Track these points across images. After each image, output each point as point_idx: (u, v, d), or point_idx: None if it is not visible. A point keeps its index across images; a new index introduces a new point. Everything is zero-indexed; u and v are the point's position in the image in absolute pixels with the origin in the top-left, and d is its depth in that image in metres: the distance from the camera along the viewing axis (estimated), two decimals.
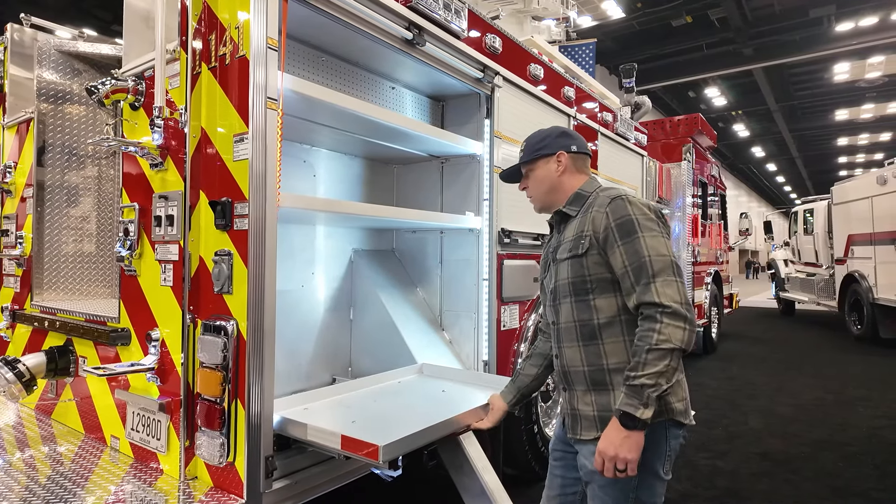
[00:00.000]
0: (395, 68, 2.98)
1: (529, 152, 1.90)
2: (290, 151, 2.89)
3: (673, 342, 1.46)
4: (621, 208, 1.62)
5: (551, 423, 3.93)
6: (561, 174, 1.84)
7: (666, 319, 1.48)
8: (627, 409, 1.47)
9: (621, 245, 1.59)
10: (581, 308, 1.68)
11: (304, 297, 2.99)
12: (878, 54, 16.33)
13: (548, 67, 3.75)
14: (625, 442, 1.48)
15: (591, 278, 1.66)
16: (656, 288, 1.50)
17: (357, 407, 2.33)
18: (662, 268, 1.53)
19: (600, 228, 1.63)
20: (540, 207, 1.94)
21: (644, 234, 1.57)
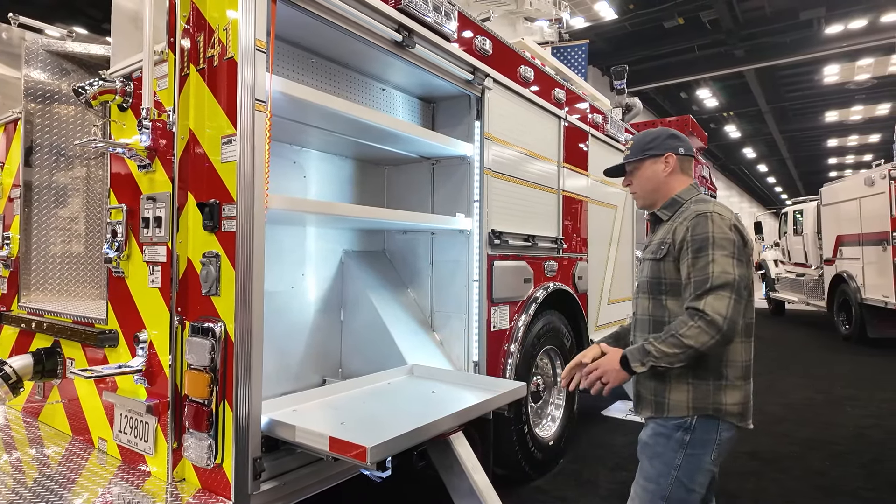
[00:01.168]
0: (386, 70, 2.98)
1: (638, 151, 1.99)
2: (279, 152, 2.89)
3: (695, 343, 1.65)
4: (702, 225, 1.75)
5: (541, 423, 3.95)
6: (667, 175, 1.95)
7: (701, 322, 1.65)
8: (628, 356, 1.76)
9: (691, 258, 1.74)
10: (655, 305, 1.89)
11: (294, 299, 2.99)
12: (867, 56, 16.47)
13: (538, 69, 3.76)
14: (612, 371, 1.78)
15: (666, 281, 1.85)
16: (707, 300, 1.66)
17: (346, 408, 2.34)
18: (721, 284, 1.67)
19: (678, 239, 1.80)
20: (643, 204, 2.05)
21: (714, 252, 1.71)
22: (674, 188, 1.95)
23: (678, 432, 1.79)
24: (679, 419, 1.78)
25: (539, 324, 3.71)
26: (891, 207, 8.22)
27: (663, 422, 1.82)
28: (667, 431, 1.81)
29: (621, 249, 5.27)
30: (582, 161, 4.46)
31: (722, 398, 1.76)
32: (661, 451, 1.80)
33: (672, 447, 1.79)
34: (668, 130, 2.02)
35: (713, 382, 1.77)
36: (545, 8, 10.13)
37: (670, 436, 1.79)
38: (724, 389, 1.77)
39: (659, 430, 1.83)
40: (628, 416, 5.17)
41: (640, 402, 1.93)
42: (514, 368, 3.37)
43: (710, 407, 1.77)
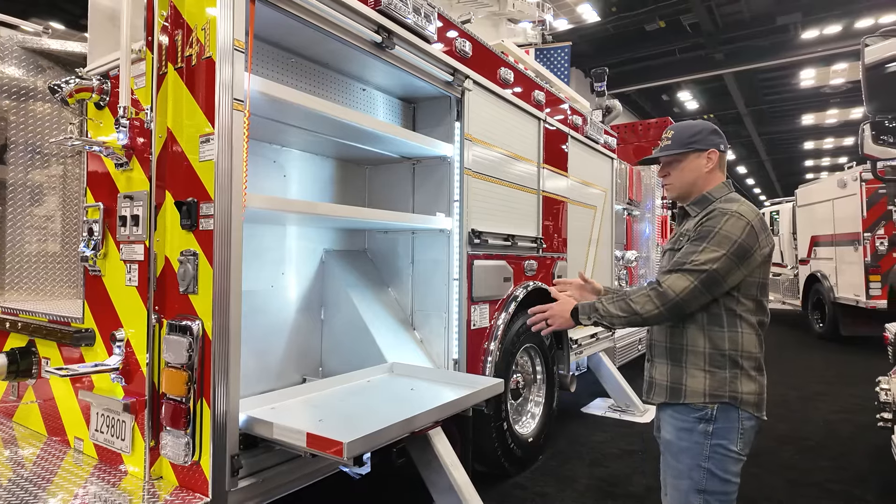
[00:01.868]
0: (366, 71, 3.00)
1: (680, 144, 1.94)
2: (259, 152, 2.89)
3: (640, 309, 1.76)
4: (714, 220, 1.78)
5: (521, 420, 4.00)
6: (708, 172, 1.93)
7: (652, 293, 1.76)
8: (579, 308, 1.89)
9: (687, 244, 1.80)
10: None
11: (274, 297, 2.99)
12: (841, 61, 16.88)
13: (518, 71, 3.82)
14: (559, 316, 1.92)
15: None
16: (671, 277, 1.75)
17: (325, 406, 2.36)
18: (692, 270, 1.72)
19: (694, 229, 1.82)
20: (676, 196, 2.02)
21: (708, 244, 1.74)
22: (708, 184, 1.94)
23: (700, 424, 1.78)
24: (698, 410, 1.78)
25: (519, 322, 3.76)
26: (862, 209, 8.45)
27: (682, 415, 1.81)
28: (688, 425, 1.79)
29: (600, 249, 5.35)
30: (562, 162, 4.53)
31: (738, 387, 1.77)
32: (687, 446, 1.79)
33: (697, 439, 1.78)
34: (710, 125, 1.98)
35: (729, 371, 1.78)
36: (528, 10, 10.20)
37: (692, 429, 1.79)
38: (739, 379, 1.78)
39: (680, 424, 1.81)
40: (607, 413, 5.25)
41: (653, 387, 1.92)
42: (493, 366, 3.42)
43: (726, 395, 1.77)
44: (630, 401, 5.26)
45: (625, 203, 6.56)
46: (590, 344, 4.95)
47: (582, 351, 4.78)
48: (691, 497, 1.78)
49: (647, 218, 7.24)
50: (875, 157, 2.99)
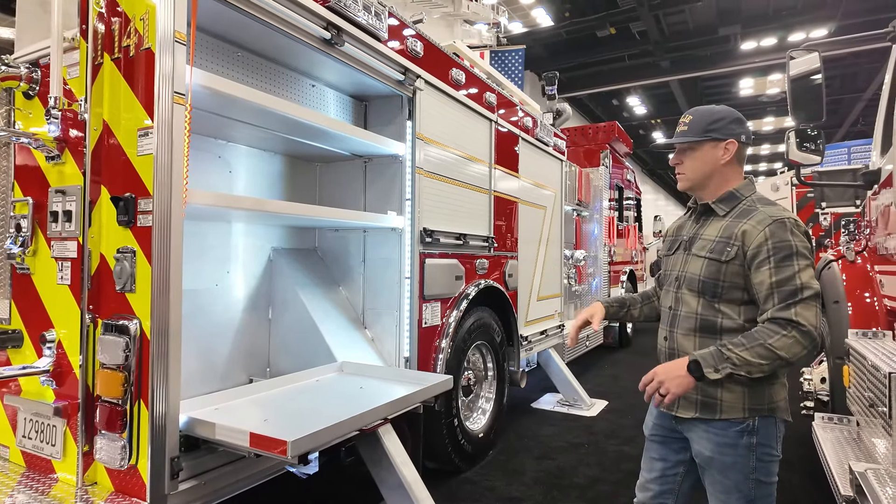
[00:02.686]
0: (315, 67, 2.97)
1: (698, 130, 1.80)
2: (203, 147, 2.82)
3: (787, 354, 1.58)
4: (782, 232, 1.65)
5: (472, 417, 4.06)
6: (725, 163, 1.80)
7: (795, 333, 1.58)
8: (701, 362, 1.63)
9: (774, 267, 1.63)
10: (706, 306, 1.77)
11: (219, 296, 2.92)
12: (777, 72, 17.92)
13: (469, 72, 3.87)
14: (678, 379, 1.64)
15: (724, 283, 1.73)
16: (797, 310, 1.59)
17: (271, 406, 2.33)
18: (810, 295, 1.61)
19: (752, 244, 1.67)
20: (688, 186, 1.89)
21: (798, 262, 1.63)
22: (730, 180, 1.82)
23: (743, 437, 1.71)
24: (738, 423, 1.71)
25: (470, 320, 3.82)
26: (792, 211, 9.02)
27: (720, 430, 1.72)
28: (730, 440, 1.72)
29: (550, 249, 5.49)
30: (513, 163, 4.62)
31: (775, 396, 1.73)
32: (733, 461, 1.72)
33: (742, 454, 1.71)
34: (733, 112, 1.84)
35: (767, 382, 1.71)
36: (483, 11, 10.31)
37: (736, 444, 1.71)
38: (776, 388, 1.74)
39: (720, 440, 1.72)
40: (555, 408, 5.39)
41: (679, 401, 1.79)
42: (444, 363, 3.46)
43: (765, 407, 1.72)
44: (578, 395, 5.42)
45: (574, 204, 6.75)
46: (539, 341, 5.07)
47: (532, 348, 4.89)
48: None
49: (595, 219, 7.48)
50: (799, 163, 3.20)
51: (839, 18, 13.33)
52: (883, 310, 3.13)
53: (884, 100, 3.22)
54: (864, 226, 3.78)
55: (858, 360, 2.68)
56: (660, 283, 2.06)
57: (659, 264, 12.79)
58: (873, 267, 3.32)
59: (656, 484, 1.95)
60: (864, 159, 9.59)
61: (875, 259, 3.30)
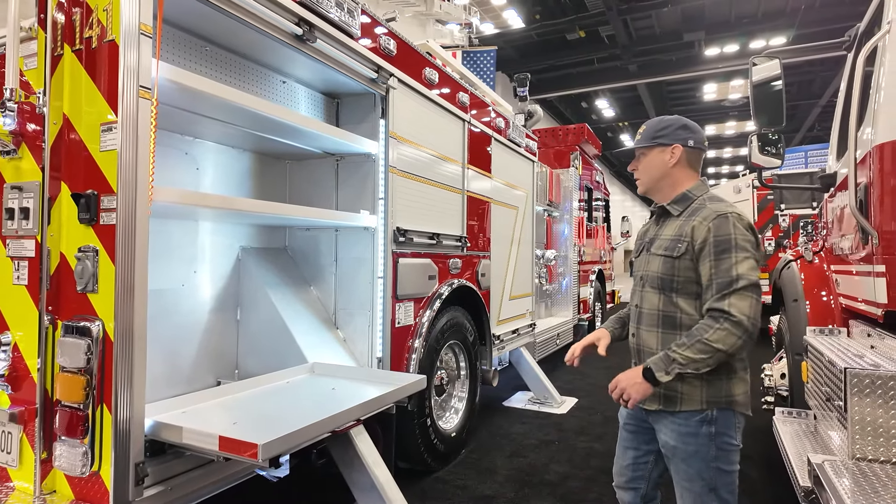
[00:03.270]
0: (286, 63, 2.92)
1: (647, 138, 1.96)
2: (169, 142, 2.74)
3: (723, 345, 1.69)
4: (724, 226, 1.77)
5: (445, 416, 4.07)
6: (673, 166, 1.94)
7: (727, 325, 1.69)
8: (652, 367, 1.76)
9: (714, 259, 1.75)
10: (665, 301, 1.89)
11: (185, 297, 2.84)
12: (738, 78, 18.53)
13: (442, 72, 3.87)
14: (636, 385, 1.77)
15: (679, 279, 1.85)
16: (731, 301, 1.70)
17: (240, 408, 2.28)
18: (745, 286, 1.71)
19: (699, 239, 1.79)
20: (644, 190, 2.03)
21: (737, 254, 1.74)
22: (682, 182, 1.95)
23: (703, 427, 1.82)
24: (698, 414, 1.81)
25: (443, 319, 3.82)
26: (754, 213, 9.34)
27: (682, 420, 1.84)
28: (692, 429, 1.83)
29: (522, 248, 5.54)
30: (485, 163, 4.64)
31: (733, 390, 1.83)
32: (695, 450, 1.82)
33: (703, 442, 1.82)
34: (681, 120, 1.98)
35: (725, 376, 1.82)
36: (455, 12, 10.34)
37: (697, 433, 1.82)
38: (734, 382, 1.83)
39: (682, 430, 1.84)
40: (527, 406, 5.45)
41: None
42: (417, 363, 3.45)
43: (723, 399, 1.82)
44: (548, 393, 5.49)
45: (545, 204, 6.83)
46: (511, 339, 5.12)
47: (504, 346, 4.93)
48: (705, 497, 1.83)
49: (565, 219, 7.58)
50: (761, 166, 3.31)
51: (797, 27, 13.88)
52: (838, 308, 3.27)
53: (839, 106, 3.36)
54: (821, 227, 3.95)
55: (816, 357, 2.79)
56: None
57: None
58: (829, 266, 3.46)
59: (629, 470, 2.10)
60: (820, 163, 10.01)
61: (831, 259, 3.44)
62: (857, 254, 2.74)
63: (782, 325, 4.07)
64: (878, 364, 2.15)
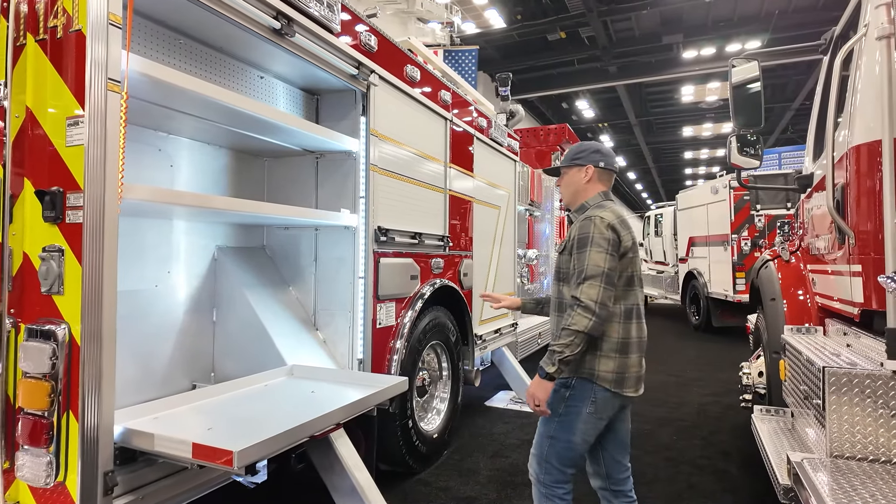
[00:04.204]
0: (264, 58, 2.85)
1: (568, 159, 2.34)
2: (141, 138, 2.64)
3: (579, 327, 2.01)
4: (586, 227, 2.12)
5: (427, 417, 4.03)
6: (586, 183, 2.30)
7: (579, 310, 2.02)
8: (542, 364, 2.06)
9: (576, 253, 2.12)
10: (557, 290, 2.28)
11: (159, 298, 2.75)
12: (715, 80, 18.85)
13: (424, 70, 3.83)
14: (538, 386, 2.09)
15: (563, 271, 2.24)
16: (583, 288, 2.04)
17: (216, 413, 2.21)
18: (594, 275, 2.05)
19: (571, 237, 2.18)
20: (566, 203, 2.42)
21: (591, 249, 2.08)
22: (586, 195, 2.31)
23: (562, 388, 2.20)
24: (565, 379, 2.18)
25: (425, 320, 3.78)
26: (730, 213, 9.49)
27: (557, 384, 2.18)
28: (555, 388, 2.17)
29: (504, 248, 5.53)
30: (468, 162, 4.61)
31: (596, 365, 2.15)
32: (550, 402, 2.17)
33: (557, 399, 2.20)
34: (595, 145, 2.36)
35: (590, 353, 2.15)
36: (437, 10, 10.28)
37: (557, 391, 2.19)
38: (598, 359, 2.15)
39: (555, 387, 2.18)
40: (509, 406, 5.44)
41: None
42: (399, 364, 3.41)
43: (585, 371, 2.16)
44: None
45: (527, 204, 6.83)
46: (493, 339, 5.10)
47: (486, 346, 4.91)
48: (542, 440, 2.24)
49: (546, 218, 7.60)
50: (740, 167, 3.34)
51: (771, 31, 14.17)
52: (815, 307, 3.32)
53: (815, 109, 3.41)
54: (797, 227, 4.01)
55: (794, 355, 2.82)
56: None
57: None
58: (806, 266, 3.51)
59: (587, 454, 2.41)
60: (794, 164, 10.22)
61: (808, 259, 3.50)
62: (833, 254, 2.78)
63: (760, 324, 4.13)
64: (854, 363, 2.18)
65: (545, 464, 2.23)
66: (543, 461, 2.24)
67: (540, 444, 2.26)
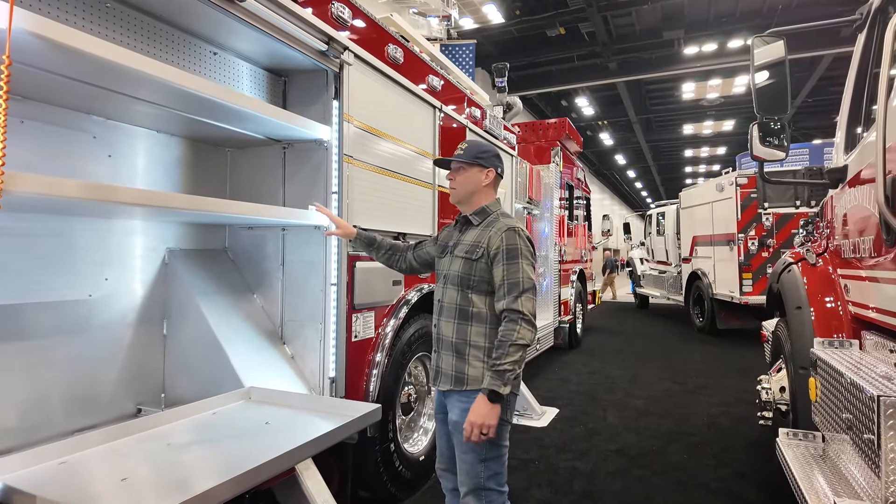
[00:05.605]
0: (215, 29, 2.44)
1: (470, 155, 2.23)
2: (72, 123, 2.25)
3: (526, 341, 2.00)
4: (513, 238, 2.09)
5: (412, 437, 3.64)
6: (484, 185, 2.25)
7: (524, 324, 2.01)
8: (494, 388, 1.95)
9: (505, 264, 2.07)
10: (462, 297, 2.16)
11: (94, 309, 2.36)
12: (716, 77, 18.47)
13: (409, 51, 3.44)
14: (490, 412, 1.96)
15: (475, 278, 2.13)
16: (522, 301, 2.03)
17: (139, 454, 1.81)
18: (528, 288, 2.06)
19: (493, 247, 2.10)
20: (457, 200, 2.30)
21: (522, 262, 2.08)
22: (485, 199, 2.26)
23: None
24: (477, 392, 2.04)
25: (411, 329, 3.40)
26: (737, 211, 9.10)
27: (466, 398, 2.08)
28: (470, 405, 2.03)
29: None
30: None
31: None
32: None
33: None
34: (495, 150, 2.33)
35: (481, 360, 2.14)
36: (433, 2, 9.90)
37: None
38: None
39: (465, 406, 2.07)
40: None
41: (440, 375, 2.20)
42: (379, 380, 3.02)
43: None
44: (528, 404, 5.11)
45: (525, 202, 6.44)
46: None
47: None
48: (477, 467, 2.08)
49: (545, 217, 7.22)
50: (763, 159, 2.96)
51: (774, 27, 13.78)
52: (847, 316, 2.93)
53: (848, 93, 3.04)
54: (823, 227, 3.62)
55: (830, 375, 2.44)
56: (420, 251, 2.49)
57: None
58: (836, 270, 3.13)
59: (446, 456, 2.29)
60: (799, 161, 9.82)
61: (837, 262, 3.11)
62: (875, 257, 2.40)
63: (780, 333, 3.74)
64: None
65: (484, 493, 2.07)
66: (482, 491, 2.07)
67: (473, 474, 2.09)
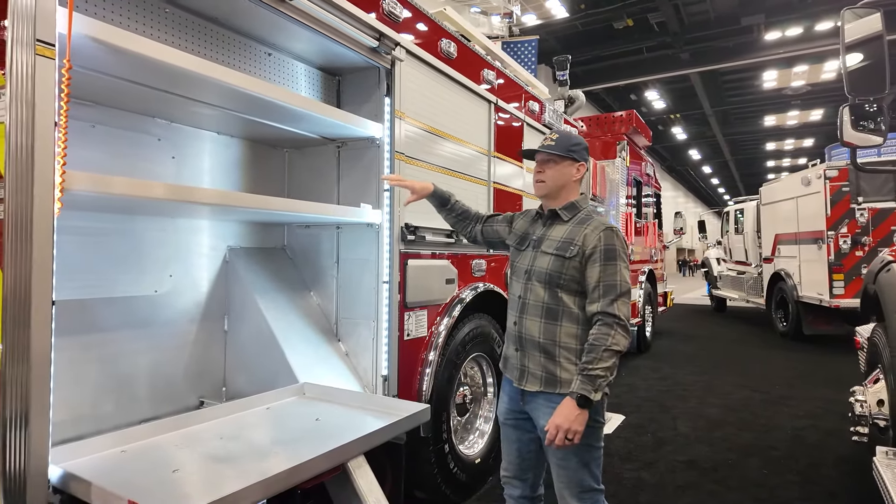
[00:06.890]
0: (269, 30, 2.49)
1: (563, 148, 2.11)
2: (138, 126, 2.36)
3: (620, 347, 1.92)
4: (611, 238, 2.00)
5: (468, 440, 3.57)
6: (575, 180, 2.18)
7: (619, 329, 1.93)
8: (584, 393, 1.86)
9: (602, 265, 1.97)
10: (551, 295, 2.06)
11: (159, 305, 2.47)
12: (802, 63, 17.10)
13: (463, 45, 3.37)
14: (578, 418, 1.86)
15: (566, 277, 2.03)
16: (618, 305, 1.94)
17: (194, 446, 1.86)
18: (625, 292, 1.97)
19: (589, 246, 2.00)
20: (544, 193, 2.18)
21: (620, 263, 1.99)
22: (573, 193, 2.17)
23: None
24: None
25: (466, 328, 3.33)
26: (826, 207, 8.33)
27: (559, 401, 1.95)
28: None
29: None
30: (516, 151, 4.11)
31: None
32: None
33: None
34: (585, 142, 2.23)
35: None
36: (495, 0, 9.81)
37: None
38: None
39: None
40: None
41: (527, 375, 2.09)
42: (432, 379, 2.98)
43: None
44: None
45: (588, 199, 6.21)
46: None
47: None
48: (580, 472, 2.01)
49: (611, 215, 6.92)
50: (855, 145, 2.65)
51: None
52: None
53: None
54: None
55: None
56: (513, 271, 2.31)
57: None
58: None
59: (516, 462, 2.20)
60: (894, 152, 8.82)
61: None
62: None
63: (877, 339, 3.35)
64: None
65: (588, 495, 2.01)
66: (586, 493, 2.01)
67: (577, 480, 2.01)
